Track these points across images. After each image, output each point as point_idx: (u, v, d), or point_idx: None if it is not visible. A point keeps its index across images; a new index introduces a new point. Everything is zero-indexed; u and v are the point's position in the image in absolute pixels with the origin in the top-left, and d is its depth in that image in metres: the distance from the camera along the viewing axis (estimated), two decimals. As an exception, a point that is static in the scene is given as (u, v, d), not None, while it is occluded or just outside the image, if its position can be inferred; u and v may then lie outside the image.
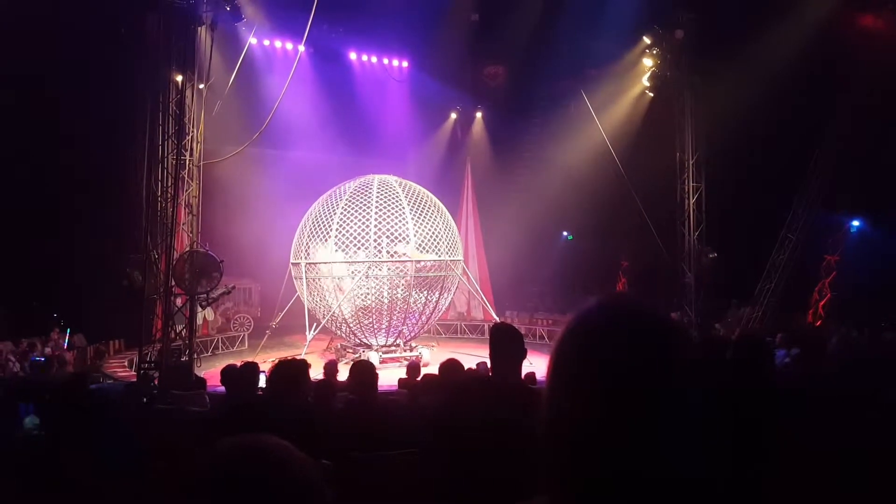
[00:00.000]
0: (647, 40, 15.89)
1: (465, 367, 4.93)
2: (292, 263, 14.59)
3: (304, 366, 3.99)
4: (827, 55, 13.37)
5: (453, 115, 21.74)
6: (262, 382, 5.41)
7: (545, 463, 0.81)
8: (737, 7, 13.86)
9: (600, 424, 0.76)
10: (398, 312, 14.29)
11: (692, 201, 15.18)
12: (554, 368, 0.84)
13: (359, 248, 13.73)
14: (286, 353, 13.19)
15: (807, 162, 14.74)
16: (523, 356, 2.58)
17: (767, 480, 2.39)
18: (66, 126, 13.68)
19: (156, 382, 10.11)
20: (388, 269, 14.13)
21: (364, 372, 3.95)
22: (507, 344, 2.56)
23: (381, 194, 14.11)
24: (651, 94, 16.60)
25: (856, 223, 15.26)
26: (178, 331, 11.27)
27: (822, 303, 14.98)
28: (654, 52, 15.83)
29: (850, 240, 15.21)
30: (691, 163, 15.22)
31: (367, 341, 14.48)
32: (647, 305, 0.84)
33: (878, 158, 13.11)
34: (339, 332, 14.92)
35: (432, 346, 15.77)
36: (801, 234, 14.82)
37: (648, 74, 16.23)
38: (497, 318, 15.82)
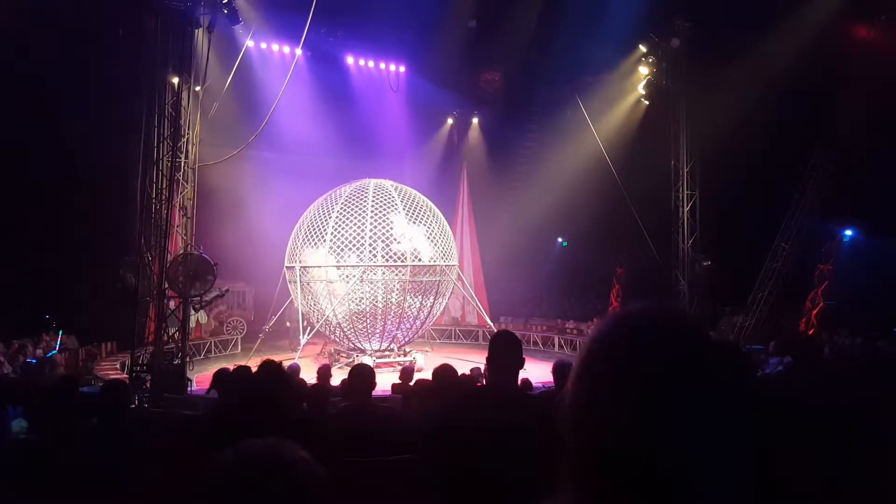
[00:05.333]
0: (642, 49, 15.99)
1: (459, 373, 4.92)
2: (286, 267, 14.55)
3: (281, 368, 3.84)
4: (823, 64, 13.46)
5: (450, 121, 21.78)
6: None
7: (568, 464, 0.81)
8: (733, 16, 13.95)
9: (630, 426, 0.77)
10: (392, 317, 14.27)
11: (686, 209, 15.25)
12: (583, 371, 0.84)
13: (352, 253, 13.70)
14: (279, 358, 13.12)
15: (801, 171, 14.82)
16: (521, 365, 2.57)
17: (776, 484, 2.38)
18: (62, 126, 13.61)
19: (147, 385, 10.05)
20: (383, 272, 14.11)
21: (362, 376, 3.92)
22: (506, 351, 2.56)
23: (377, 198, 14.10)
24: (646, 102, 16.70)
25: (848, 232, 15.34)
26: (170, 333, 11.20)
27: (814, 311, 15.03)
28: (650, 60, 15.94)
29: (842, 249, 15.28)
30: (686, 171, 15.29)
31: (360, 346, 14.44)
32: (676, 313, 0.85)
33: (872, 169, 13.20)
34: (332, 336, 14.88)
35: (426, 352, 15.74)
36: (794, 243, 14.89)
37: (644, 82, 16.33)
38: (491, 324, 15.81)
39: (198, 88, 12.55)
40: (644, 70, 16.26)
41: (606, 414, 0.78)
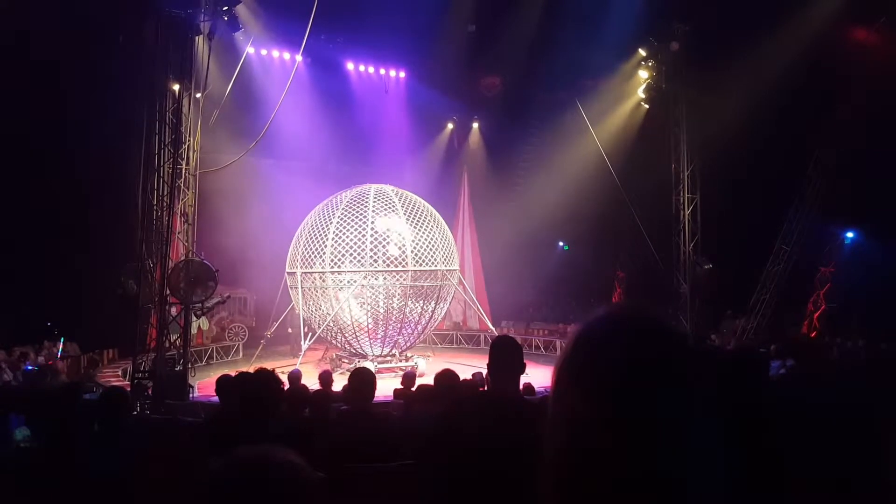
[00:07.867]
0: (642, 52, 16.01)
1: (461, 378, 4.91)
2: (288, 273, 14.55)
3: (269, 373, 3.76)
4: (823, 67, 13.47)
5: (450, 125, 21.81)
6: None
7: (551, 469, 0.80)
8: (732, 19, 13.96)
9: (614, 428, 0.77)
10: (394, 322, 14.25)
11: (687, 212, 15.23)
12: (565, 372, 0.84)
13: (353, 260, 13.70)
14: (280, 364, 13.13)
15: (802, 173, 14.82)
16: (522, 370, 2.57)
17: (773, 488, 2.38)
18: (63, 132, 13.64)
19: (149, 392, 10.04)
20: (385, 278, 14.10)
21: (362, 381, 3.90)
22: (507, 356, 2.55)
23: (378, 204, 14.11)
24: (646, 106, 16.71)
25: (850, 234, 15.33)
26: (172, 340, 11.20)
27: (816, 314, 15.01)
28: (650, 64, 15.96)
29: (844, 251, 15.27)
30: (686, 174, 15.28)
31: (362, 351, 14.42)
32: (655, 313, 0.85)
33: (872, 170, 13.19)
34: (334, 341, 14.86)
35: (428, 357, 15.71)
36: (795, 246, 14.88)
37: (644, 86, 16.34)
38: (493, 328, 15.79)
39: (198, 95, 12.57)
40: (644, 74, 16.28)
41: (588, 414, 0.78)
